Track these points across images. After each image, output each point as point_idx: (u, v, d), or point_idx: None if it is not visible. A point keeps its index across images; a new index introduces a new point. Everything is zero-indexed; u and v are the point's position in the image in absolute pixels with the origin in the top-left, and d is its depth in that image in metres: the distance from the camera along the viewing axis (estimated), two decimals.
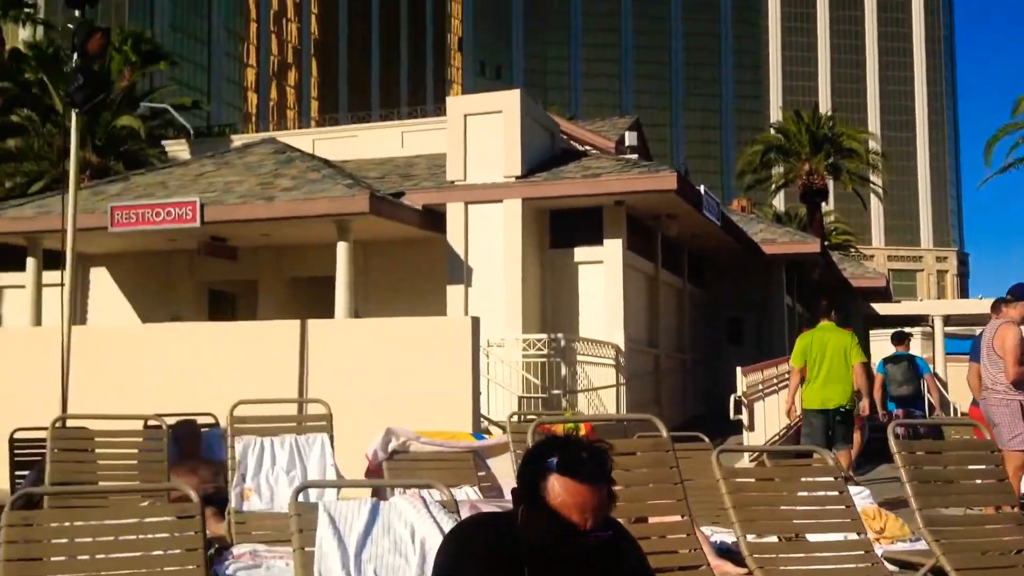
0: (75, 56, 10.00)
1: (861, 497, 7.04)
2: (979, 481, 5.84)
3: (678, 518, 4.98)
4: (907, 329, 16.06)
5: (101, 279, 19.39)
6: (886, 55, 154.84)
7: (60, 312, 9.41)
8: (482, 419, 10.88)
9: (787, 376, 12.38)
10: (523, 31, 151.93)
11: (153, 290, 19.11)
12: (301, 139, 21.43)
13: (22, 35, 37.49)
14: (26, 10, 30.28)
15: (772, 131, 44.17)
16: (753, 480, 5.51)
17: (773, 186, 43.27)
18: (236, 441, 6.79)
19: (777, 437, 13.75)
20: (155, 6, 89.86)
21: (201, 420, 8.18)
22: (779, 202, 78.93)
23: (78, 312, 18.95)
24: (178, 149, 23.19)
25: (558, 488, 2.40)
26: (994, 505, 5.94)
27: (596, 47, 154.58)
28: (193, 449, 7.77)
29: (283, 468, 6.75)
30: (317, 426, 7.28)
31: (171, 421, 7.60)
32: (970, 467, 5.92)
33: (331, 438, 7.13)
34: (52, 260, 15.14)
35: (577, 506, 2.38)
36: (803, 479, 5.45)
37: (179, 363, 10.72)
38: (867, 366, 10.47)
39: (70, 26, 10.43)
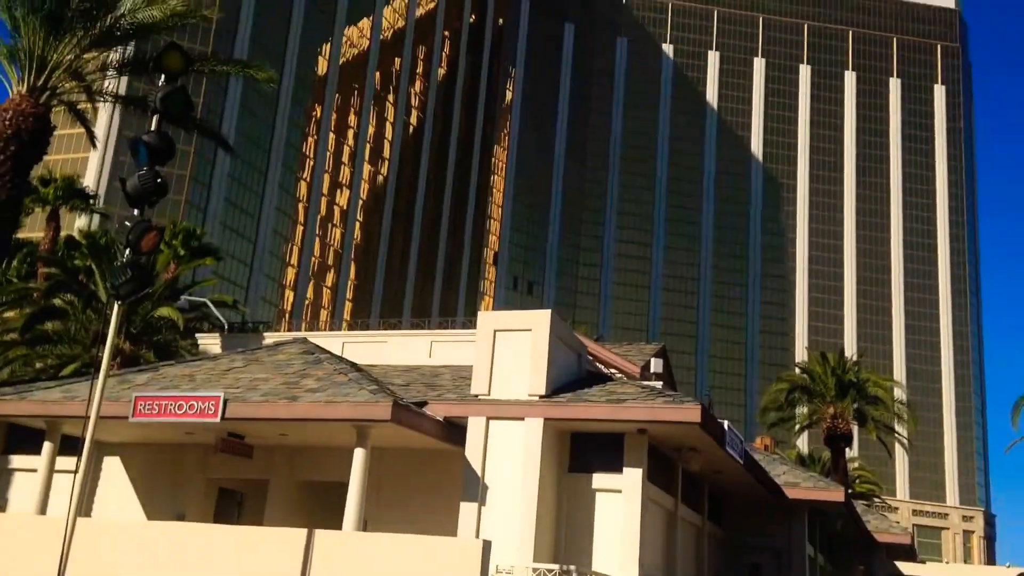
0: (127, 251, 10.41)
1: None
2: None
3: None
4: None
5: (113, 468, 19.22)
6: (912, 304, 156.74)
7: (69, 502, 9.26)
8: None
9: None
10: (557, 251, 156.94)
11: (163, 484, 18.85)
12: (332, 341, 21.76)
13: (78, 223, 39.42)
14: (91, 202, 31.92)
15: (797, 370, 44.23)
16: None
17: (797, 426, 42.81)
18: None
19: None
20: (209, 204, 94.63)
21: None
22: (803, 442, 77.77)
23: (85, 501, 18.66)
24: (210, 343, 23.62)
25: None
26: None
27: (626, 271, 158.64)
28: None
29: None
30: None
31: None
32: None
33: None
34: (68, 446, 15.11)
35: None
36: None
37: (177, 567, 10.39)
38: None
39: (127, 223, 10.91)
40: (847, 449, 40.46)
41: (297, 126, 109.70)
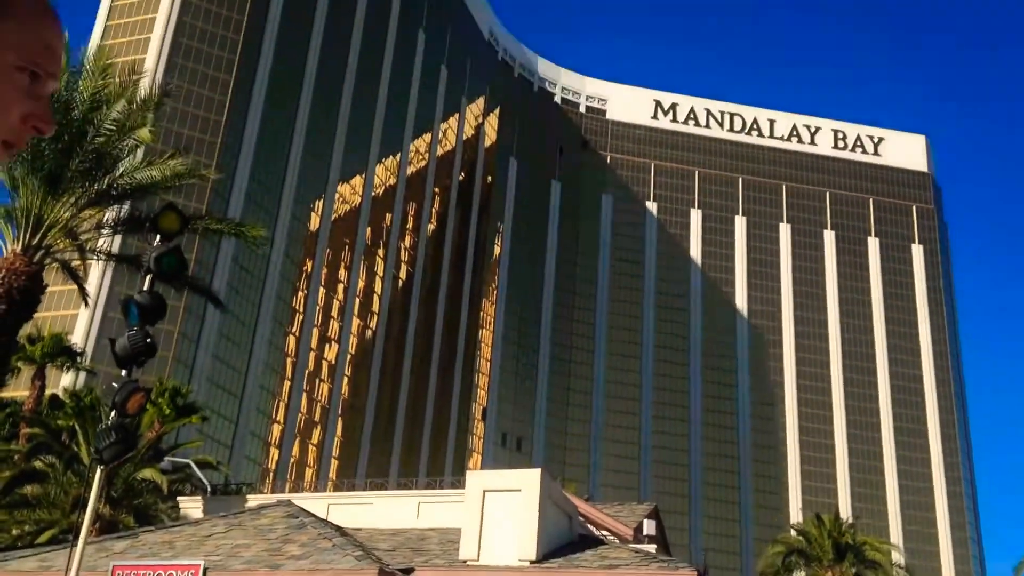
0: (112, 413, 10.24)
1: None
2: None
3: None
4: None
5: None
6: (904, 463, 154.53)
7: None
8: None
9: None
10: (546, 407, 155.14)
11: None
12: (316, 503, 21.25)
13: (64, 380, 39.05)
14: (78, 360, 31.76)
15: (793, 532, 43.27)
16: None
17: None
18: None
19: None
20: (197, 360, 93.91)
21: None
22: None
23: None
24: (192, 506, 23.00)
25: None
26: None
27: (616, 428, 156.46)
28: None
29: None
30: None
31: None
32: None
33: None
34: None
35: None
36: None
37: None
38: None
39: (114, 384, 10.75)
40: None
41: (288, 280, 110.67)
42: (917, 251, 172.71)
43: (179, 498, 24.24)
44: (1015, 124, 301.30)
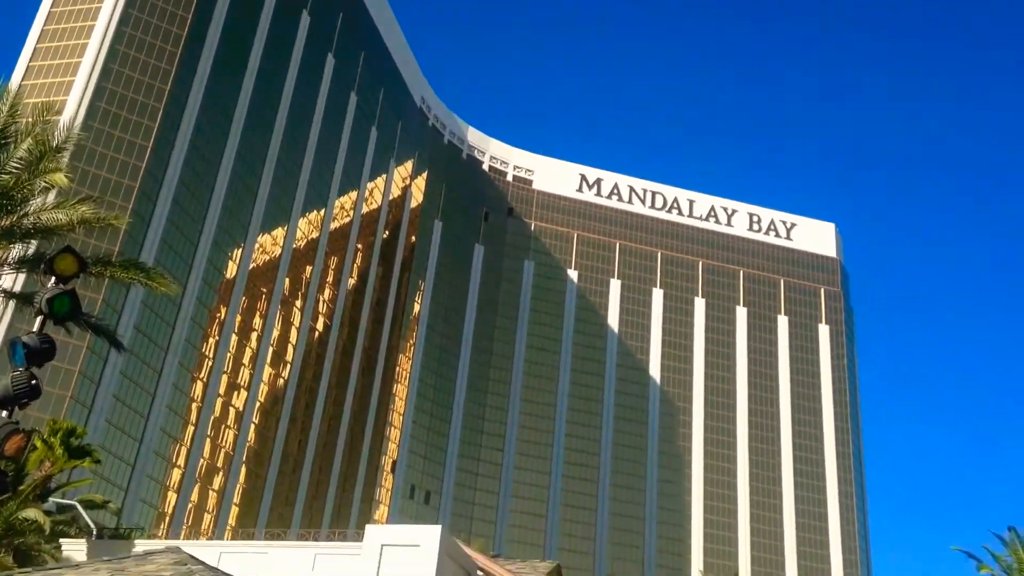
0: None
1: None
2: None
3: None
4: None
5: None
6: (803, 531, 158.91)
7: None
8: None
9: None
10: (456, 462, 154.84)
11: None
12: (208, 551, 20.77)
13: None
14: None
15: None
16: None
17: None
18: None
19: None
20: (96, 400, 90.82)
21: None
22: None
23: None
24: (75, 549, 22.22)
25: None
26: None
27: (526, 485, 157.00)
28: None
29: None
30: None
31: None
32: None
33: None
34: None
35: None
36: None
37: None
38: None
39: None
40: None
41: (199, 326, 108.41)
42: (824, 331, 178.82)
43: (62, 540, 23.36)
44: (920, 216, 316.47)
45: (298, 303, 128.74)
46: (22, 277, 47.66)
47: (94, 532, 24.72)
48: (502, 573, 25.18)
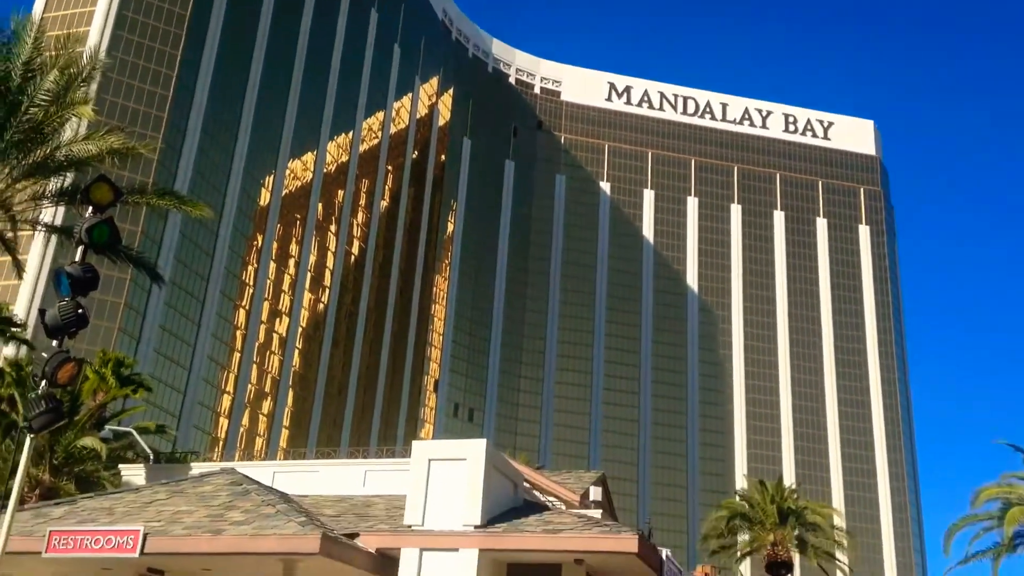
0: (43, 383, 10.13)
1: None
2: None
3: None
4: None
5: None
6: (847, 432, 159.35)
7: None
8: None
9: None
10: (498, 378, 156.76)
11: None
12: (261, 471, 21.18)
13: (7, 351, 38.31)
14: (13, 329, 31.22)
15: (738, 498, 44.24)
16: None
17: (738, 553, 42.47)
18: None
19: None
20: (143, 331, 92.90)
21: None
22: (745, 569, 76.86)
23: None
24: (134, 474, 22.80)
25: None
26: None
27: (567, 399, 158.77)
28: None
29: None
30: None
31: None
32: None
33: None
34: None
35: None
36: None
37: None
38: None
39: (44, 355, 10.62)
40: None
41: (238, 255, 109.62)
42: (864, 232, 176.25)
43: (121, 466, 24.02)
44: (959, 109, 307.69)
45: (332, 228, 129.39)
46: (61, 213, 48.14)
47: (151, 457, 25.43)
48: (547, 484, 25.44)
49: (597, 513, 21.83)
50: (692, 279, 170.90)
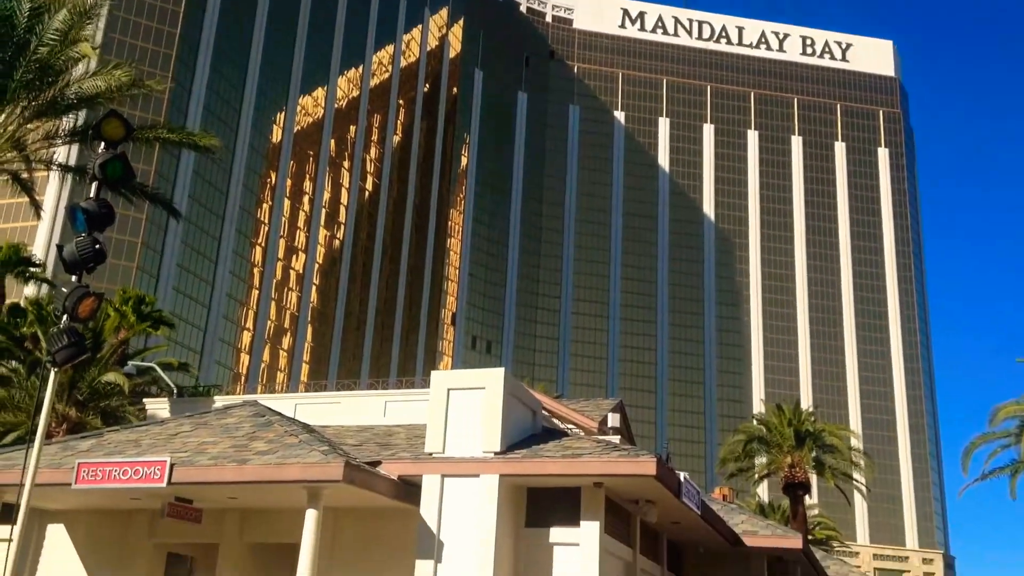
0: (64, 317, 10.24)
1: None
2: None
3: None
4: None
5: (57, 536, 18.63)
6: (865, 356, 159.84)
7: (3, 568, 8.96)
8: None
9: None
10: (515, 310, 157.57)
11: (109, 550, 18.29)
12: (283, 403, 21.46)
13: (27, 291, 38.78)
14: (32, 269, 31.53)
15: (755, 422, 44.61)
16: None
17: (756, 476, 43.00)
18: None
19: None
20: (162, 270, 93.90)
21: None
22: (763, 492, 77.97)
23: (28, 570, 18.02)
24: (158, 408, 23.19)
25: None
26: None
27: (584, 330, 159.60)
28: None
29: None
30: None
31: None
32: None
33: None
34: (8, 514, 14.62)
35: None
36: None
37: None
38: None
39: (63, 289, 10.72)
40: (806, 497, 40.67)
41: (252, 192, 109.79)
42: (883, 155, 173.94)
43: (145, 400, 24.44)
44: (980, 31, 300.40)
45: (346, 163, 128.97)
46: (75, 154, 48.21)
47: (174, 391, 25.87)
48: (566, 412, 25.68)
49: (615, 439, 22.06)
50: (708, 207, 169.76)
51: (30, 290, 38.02)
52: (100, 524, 18.53)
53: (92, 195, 11.38)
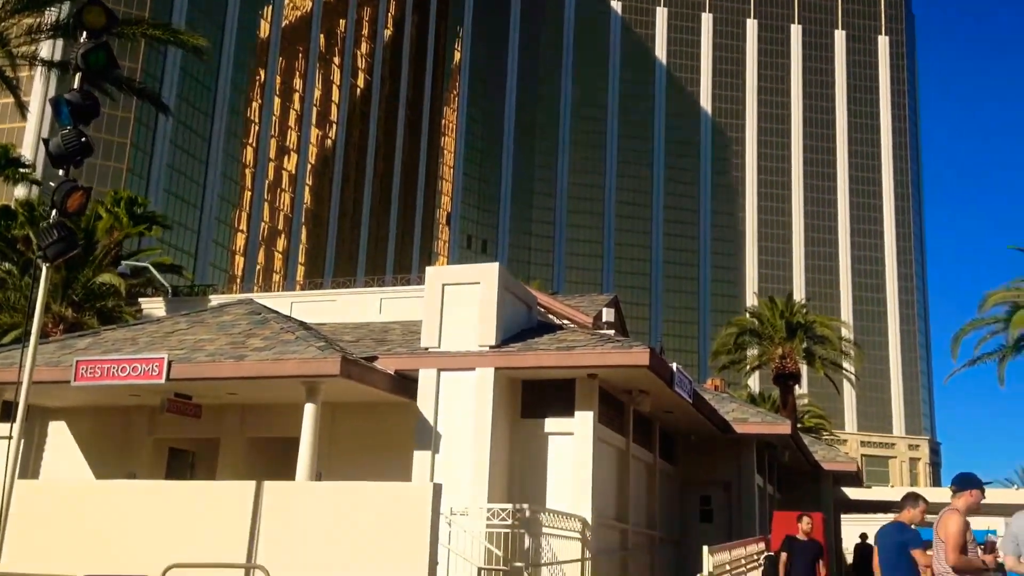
0: (53, 212, 10.14)
1: None
2: None
3: None
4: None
5: (59, 433, 18.96)
6: (858, 248, 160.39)
7: (5, 464, 9.12)
8: None
9: (756, 557, 11.93)
10: (510, 209, 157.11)
11: (111, 446, 18.65)
12: (279, 301, 21.50)
13: (18, 192, 38.48)
14: (21, 170, 31.19)
15: (747, 315, 45.03)
16: None
17: (747, 367, 43.67)
18: None
19: None
20: (152, 171, 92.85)
21: None
22: (754, 383, 79.48)
23: (31, 466, 18.39)
24: (154, 307, 23.24)
25: None
26: None
27: (580, 228, 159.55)
28: None
29: None
30: None
31: None
32: None
33: None
34: (9, 413, 14.82)
35: None
36: None
37: (124, 522, 10.31)
38: None
39: (51, 183, 10.60)
40: (796, 387, 41.42)
41: (241, 91, 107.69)
42: (883, 42, 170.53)
43: (141, 300, 24.49)
44: None
45: (336, 60, 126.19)
46: (60, 52, 47.12)
47: (169, 292, 25.91)
48: (560, 307, 25.80)
49: (610, 333, 22.23)
50: (706, 100, 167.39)
51: (20, 191, 37.70)
52: (101, 421, 18.82)
53: (76, 86, 11.14)
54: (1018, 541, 7.39)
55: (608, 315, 27.03)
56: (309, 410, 15.46)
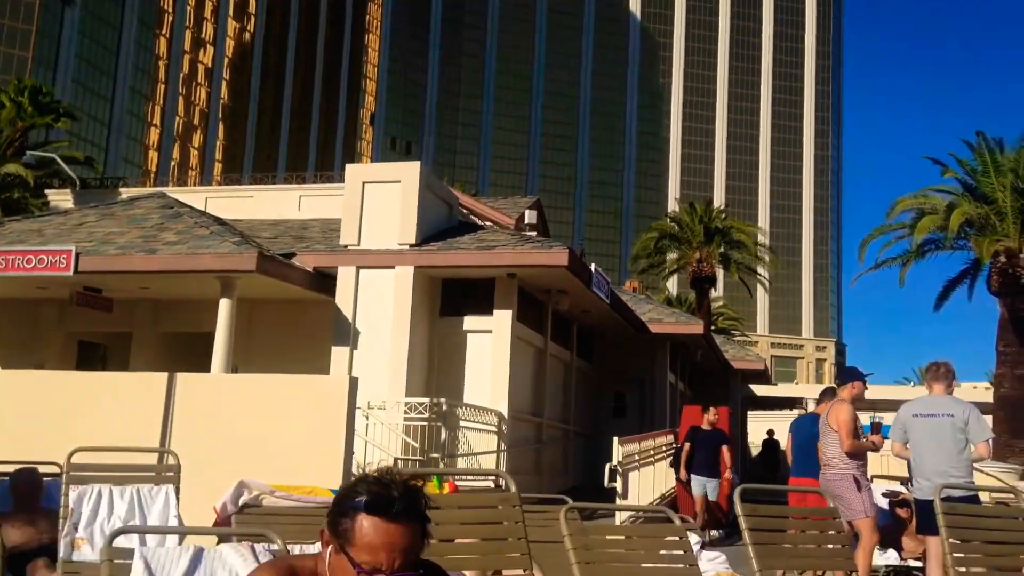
0: None
1: (717, 562, 7.07)
2: (822, 546, 5.95)
3: (520, 572, 4.93)
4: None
5: None
6: (778, 157, 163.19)
7: None
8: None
9: (664, 448, 12.44)
10: (435, 111, 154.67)
11: (19, 338, 18.23)
12: (193, 196, 20.99)
13: None
14: None
15: (668, 220, 45.70)
16: (602, 539, 5.44)
17: (666, 271, 44.58)
18: (71, 489, 6.45)
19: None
20: (59, 60, 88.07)
21: (45, 469, 7.70)
22: (672, 286, 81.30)
23: None
24: (61, 199, 22.43)
25: (366, 527, 2.26)
26: (839, 570, 6.07)
27: (505, 131, 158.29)
28: (32, 499, 7.31)
29: (120, 518, 6.41)
30: (166, 477, 6.97)
31: (10, 469, 7.17)
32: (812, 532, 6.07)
33: (177, 490, 6.84)
34: None
35: (384, 546, 2.24)
36: (654, 541, 5.45)
37: (32, 412, 10.15)
38: None
39: None
40: (712, 290, 42.56)
41: None
42: None
43: (48, 191, 23.59)
44: None
45: None
46: None
47: (77, 184, 24.99)
48: (483, 208, 25.84)
49: (532, 235, 22.40)
50: (635, 5, 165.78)
51: None
52: (8, 313, 18.34)
53: None
54: (905, 428, 7.86)
55: (530, 217, 27.17)
56: (224, 306, 15.30)
